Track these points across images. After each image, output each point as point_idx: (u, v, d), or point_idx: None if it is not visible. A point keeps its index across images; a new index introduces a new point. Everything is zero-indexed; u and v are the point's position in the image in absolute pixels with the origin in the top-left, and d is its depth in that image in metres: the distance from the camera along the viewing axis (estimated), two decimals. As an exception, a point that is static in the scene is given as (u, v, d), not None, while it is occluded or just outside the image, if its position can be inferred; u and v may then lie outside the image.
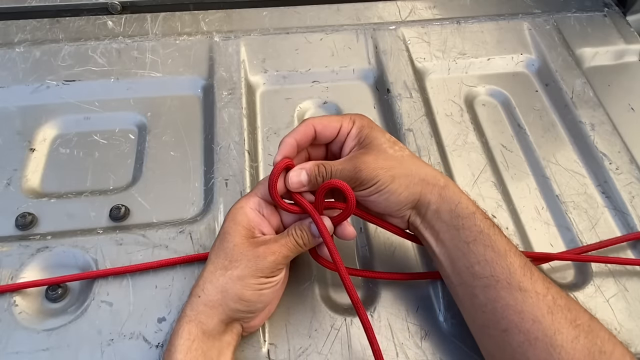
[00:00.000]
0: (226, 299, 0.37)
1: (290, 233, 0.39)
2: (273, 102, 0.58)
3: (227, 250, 0.38)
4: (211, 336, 0.37)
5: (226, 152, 0.52)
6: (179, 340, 0.36)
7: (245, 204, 0.40)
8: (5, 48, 0.60)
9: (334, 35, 0.64)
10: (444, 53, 0.63)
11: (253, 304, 0.38)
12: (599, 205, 0.52)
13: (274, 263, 0.37)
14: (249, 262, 0.37)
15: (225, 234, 0.39)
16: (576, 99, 0.59)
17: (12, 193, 0.49)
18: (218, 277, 0.37)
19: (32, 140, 0.53)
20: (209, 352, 0.37)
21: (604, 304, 0.45)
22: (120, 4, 0.64)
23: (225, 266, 0.37)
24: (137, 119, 0.56)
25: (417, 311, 0.44)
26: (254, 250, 0.37)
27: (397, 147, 0.41)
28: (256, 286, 0.37)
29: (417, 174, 0.40)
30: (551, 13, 0.68)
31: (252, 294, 0.37)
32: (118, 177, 0.51)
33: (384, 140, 0.41)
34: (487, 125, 0.58)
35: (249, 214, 0.39)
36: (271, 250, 0.38)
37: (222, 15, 0.66)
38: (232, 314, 0.37)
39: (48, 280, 0.43)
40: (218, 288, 0.37)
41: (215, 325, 0.37)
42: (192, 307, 0.37)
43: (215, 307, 0.37)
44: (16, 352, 0.40)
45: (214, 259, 0.38)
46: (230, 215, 0.39)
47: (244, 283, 0.37)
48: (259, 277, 0.37)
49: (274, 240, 0.38)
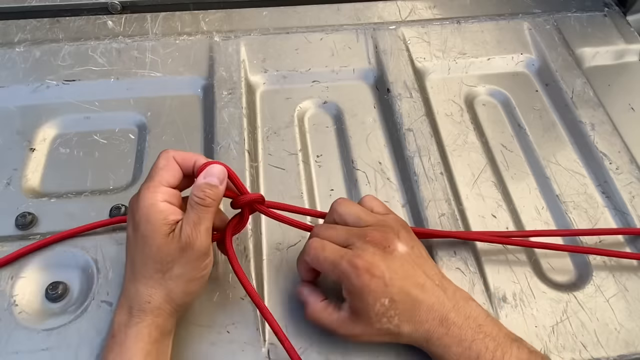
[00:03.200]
0: (175, 299, 0.37)
1: (193, 201, 0.36)
2: (273, 102, 0.58)
3: (153, 255, 0.36)
4: (167, 335, 0.38)
5: (226, 152, 0.52)
6: (138, 344, 0.35)
7: (154, 198, 0.36)
8: (5, 48, 0.60)
9: (334, 35, 0.64)
10: (444, 53, 0.63)
11: (198, 292, 0.39)
12: (599, 205, 0.52)
13: (202, 245, 0.36)
14: (180, 258, 0.36)
15: (144, 238, 0.36)
16: (576, 99, 0.59)
17: (12, 193, 0.49)
18: (158, 280, 0.36)
19: (32, 140, 0.53)
20: (164, 353, 0.37)
21: (604, 304, 0.45)
22: (120, 4, 0.64)
23: (159, 269, 0.36)
24: (137, 118, 0.56)
25: (417, 311, 0.44)
26: (178, 244, 0.36)
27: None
28: (198, 275, 0.37)
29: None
30: (551, 13, 0.68)
31: (196, 284, 0.38)
32: (118, 177, 0.51)
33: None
34: (487, 125, 0.58)
35: (161, 207, 0.36)
36: (193, 236, 0.35)
37: (222, 15, 0.65)
38: (182, 308, 0.38)
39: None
40: (163, 292, 0.37)
41: (171, 324, 0.38)
42: (146, 312, 0.36)
43: (167, 308, 0.37)
44: (16, 352, 0.40)
45: (142, 265, 0.36)
46: (143, 216, 0.36)
47: (186, 278, 0.37)
48: (197, 266, 0.37)
49: (187, 223, 0.36)
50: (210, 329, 0.42)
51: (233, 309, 0.43)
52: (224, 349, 0.41)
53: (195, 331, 0.42)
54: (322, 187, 0.52)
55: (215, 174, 0.38)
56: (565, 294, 0.45)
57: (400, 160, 0.54)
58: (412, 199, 0.51)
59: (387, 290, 0.37)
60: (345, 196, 0.51)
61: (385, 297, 0.37)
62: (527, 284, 0.46)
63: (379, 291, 0.37)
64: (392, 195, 0.51)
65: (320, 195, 0.51)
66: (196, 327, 0.42)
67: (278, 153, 0.54)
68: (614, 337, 0.43)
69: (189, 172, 0.39)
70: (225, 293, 0.44)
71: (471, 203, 0.51)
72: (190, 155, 0.39)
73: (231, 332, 0.42)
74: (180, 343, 0.41)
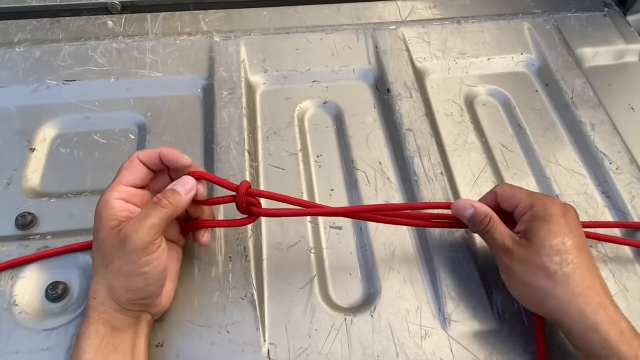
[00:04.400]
0: (116, 294, 0.37)
1: (151, 201, 0.38)
2: (273, 102, 0.58)
3: (99, 248, 0.37)
4: (121, 330, 0.37)
5: (226, 152, 0.52)
6: (86, 340, 0.36)
7: (109, 196, 0.38)
8: (5, 48, 0.60)
9: (334, 35, 0.64)
10: (444, 53, 0.63)
11: (143, 290, 0.37)
12: (599, 205, 0.52)
13: (140, 239, 0.36)
14: (117, 250, 0.36)
15: (95, 232, 0.38)
16: (576, 99, 0.59)
17: (12, 193, 0.49)
18: (102, 275, 0.37)
19: (32, 140, 0.53)
20: (120, 346, 0.37)
21: (604, 304, 0.45)
22: (120, 4, 0.64)
23: (103, 263, 0.37)
24: (137, 118, 0.56)
25: (417, 311, 0.44)
26: (117, 236, 0.36)
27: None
28: (136, 270, 0.36)
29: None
30: (551, 13, 0.68)
31: (137, 280, 0.37)
32: (118, 176, 0.51)
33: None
34: (487, 125, 0.58)
35: (114, 204, 0.37)
36: (132, 229, 0.36)
37: (222, 15, 0.65)
38: (128, 306, 0.37)
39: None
40: (105, 286, 0.37)
41: (121, 320, 0.37)
42: (92, 309, 0.37)
43: (111, 304, 0.37)
44: (16, 352, 0.40)
45: (94, 259, 0.38)
46: (97, 212, 0.38)
47: (125, 272, 0.36)
48: (134, 260, 0.36)
49: (133, 218, 0.37)
50: (210, 328, 0.42)
51: (233, 309, 0.43)
52: (224, 349, 0.41)
53: (195, 331, 0.42)
54: (322, 187, 0.52)
55: (183, 184, 0.40)
56: (565, 293, 0.45)
57: (400, 160, 0.54)
58: (412, 199, 0.51)
59: (572, 236, 0.38)
60: (345, 196, 0.51)
61: (569, 239, 0.38)
62: (527, 284, 0.46)
63: (565, 230, 0.38)
64: (392, 195, 0.51)
65: (320, 195, 0.51)
66: (196, 327, 0.42)
67: (278, 153, 0.54)
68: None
69: (158, 165, 0.41)
70: (225, 293, 0.44)
71: (471, 203, 0.51)
72: (154, 150, 0.40)
73: (231, 332, 0.42)
74: (181, 343, 0.41)
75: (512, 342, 0.42)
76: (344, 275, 0.46)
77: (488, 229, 0.41)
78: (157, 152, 0.40)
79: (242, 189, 0.41)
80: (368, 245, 0.48)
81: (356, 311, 0.44)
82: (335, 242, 0.48)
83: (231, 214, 0.47)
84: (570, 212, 0.40)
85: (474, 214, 0.42)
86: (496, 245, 0.41)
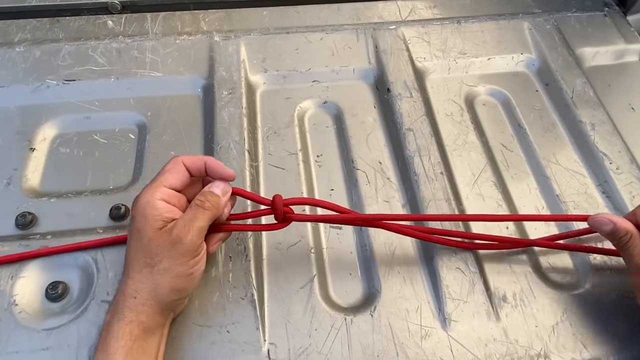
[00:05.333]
0: (161, 295, 0.37)
1: (193, 203, 0.39)
2: (273, 102, 0.58)
3: (144, 248, 0.37)
4: (152, 333, 0.38)
5: (226, 152, 0.52)
6: (120, 342, 0.35)
7: (152, 196, 0.38)
8: (5, 47, 0.60)
9: (334, 35, 0.64)
10: (444, 53, 0.63)
11: (186, 290, 0.39)
12: (599, 205, 0.52)
13: (192, 241, 0.37)
14: (169, 251, 0.37)
15: (137, 231, 0.38)
16: (576, 99, 0.59)
17: (12, 193, 0.49)
18: (146, 275, 0.37)
19: (32, 139, 0.53)
20: (148, 350, 0.37)
21: (604, 304, 0.45)
22: (120, 4, 0.64)
23: (149, 263, 0.37)
24: (137, 118, 0.56)
25: (417, 311, 0.44)
26: (169, 238, 0.37)
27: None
28: (185, 272, 0.37)
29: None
30: (551, 13, 0.68)
31: (184, 281, 0.38)
32: (118, 176, 0.51)
33: None
34: (487, 125, 0.58)
35: (158, 205, 0.38)
36: (184, 231, 0.37)
37: (222, 15, 0.65)
38: (169, 306, 0.38)
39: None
40: (150, 286, 0.37)
41: (156, 322, 0.38)
42: (129, 309, 0.37)
43: (153, 304, 0.37)
44: (16, 352, 0.40)
45: (134, 259, 0.38)
46: (140, 211, 0.38)
47: (173, 273, 0.37)
48: (184, 261, 0.37)
49: (182, 219, 0.38)
50: (210, 328, 0.42)
51: (233, 308, 0.43)
52: (224, 349, 0.41)
53: (195, 331, 0.42)
54: (322, 187, 0.52)
55: (219, 186, 0.41)
56: (566, 294, 0.45)
57: (400, 160, 0.54)
58: (412, 199, 0.51)
59: None
60: (345, 196, 0.51)
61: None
62: (527, 284, 0.46)
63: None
64: (392, 195, 0.51)
65: (321, 195, 0.51)
66: (196, 327, 0.42)
67: (278, 153, 0.54)
68: (614, 337, 0.43)
69: (201, 172, 0.41)
70: (225, 293, 0.44)
71: (471, 203, 0.51)
72: (199, 157, 0.41)
73: (231, 331, 0.42)
74: (181, 343, 0.41)
75: (512, 342, 0.42)
76: (344, 275, 0.46)
77: (628, 247, 0.41)
78: (202, 159, 0.41)
79: (279, 202, 0.42)
80: (368, 245, 0.48)
81: (356, 311, 0.44)
82: (335, 242, 0.48)
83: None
84: None
85: (614, 230, 0.41)
86: (633, 264, 0.41)
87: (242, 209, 0.48)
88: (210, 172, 0.41)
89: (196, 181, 0.43)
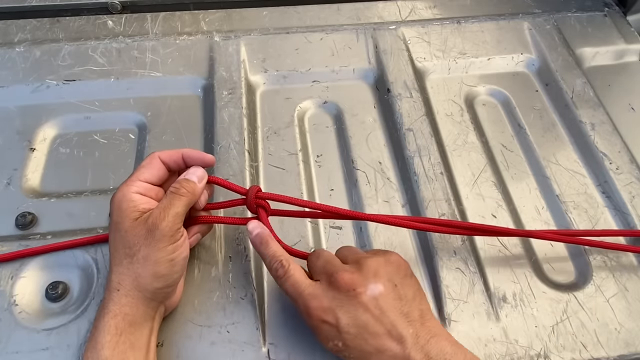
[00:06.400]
0: (143, 283, 0.37)
1: (169, 191, 0.39)
2: (273, 102, 0.58)
3: (122, 239, 0.38)
4: (139, 326, 0.37)
5: (226, 152, 0.52)
6: (106, 336, 0.35)
7: (127, 190, 0.39)
8: (5, 48, 0.60)
9: (334, 35, 0.64)
10: (444, 53, 0.63)
11: (169, 276, 0.38)
12: (599, 205, 0.52)
13: (167, 227, 0.37)
14: (146, 239, 0.37)
15: (115, 224, 0.38)
16: (576, 99, 0.59)
17: (12, 193, 0.49)
18: (127, 266, 0.37)
19: (32, 139, 0.53)
20: (137, 343, 0.37)
21: (604, 304, 0.45)
22: (120, 4, 0.64)
23: (128, 253, 0.37)
24: (137, 118, 0.56)
25: (417, 311, 0.44)
26: (145, 226, 0.37)
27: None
28: (165, 257, 0.37)
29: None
30: (551, 13, 0.68)
31: (165, 267, 0.37)
32: (118, 176, 0.51)
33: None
34: (487, 125, 0.58)
35: (133, 197, 0.38)
36: (160, 217, 0.37)
37: (222, 15, 0.65)
38: (153, 296, 0.38)
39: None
40: (132, 276, 0.37)
41: (142, 314, 0.37)
42: (114, 302, 0.37)
43: (137, 295, 0.37)
44: (16, 352, 0.40)
45: (114, 252, 0.38)
46: (116, 205, 0.38)
47: (152, 260, 0.37)
48: (162, 247, 0.37)
49: (157, 208, 0.38)
50: (210, 328, 0.42)
51: (233, 309, 0.43)
52: (224, 349, 0.41)
53: (195, 331, 0.42)
54: (322, 187, 0.52)
55: (195, 172, 0.41)
56: (565, 294, 0.45)
57: (400, 160, 0.54)
58: (412, 199, 0.51)
59: (341, 336, 0.36)
60: (345, 196, 0.51)
61: (339, 341, 0.36)
62: (527, 284, 0.46)
63: (332, 335, 0.36)
64: (392, 195, 0.51)
65: (320, 195, 0.51)
66: (196, 327, 0.42)
67: (278, 153, 0.54)
68: (614, 337, 0.43)
69: (179, 165, 0.42)
70: (225, 293, 0.44)
71: (471, 203, 0.51)
72: (175, 151, 0.42)
73: (231, 331, 0.42)
74: (181, 343, 0.41)
75: (512, 342, 0.42)
76: (344, 275, 0.46)
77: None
78: (179, 152, 0.42)
79: (252, 192, 0.42)
80: (368, 245, 0.48)
81: (356, 311, 0.44)
82: (335, 242, 0.48)
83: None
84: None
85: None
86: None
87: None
88: (189, 162, 0.42)
89: (173, 175, 0.43)
